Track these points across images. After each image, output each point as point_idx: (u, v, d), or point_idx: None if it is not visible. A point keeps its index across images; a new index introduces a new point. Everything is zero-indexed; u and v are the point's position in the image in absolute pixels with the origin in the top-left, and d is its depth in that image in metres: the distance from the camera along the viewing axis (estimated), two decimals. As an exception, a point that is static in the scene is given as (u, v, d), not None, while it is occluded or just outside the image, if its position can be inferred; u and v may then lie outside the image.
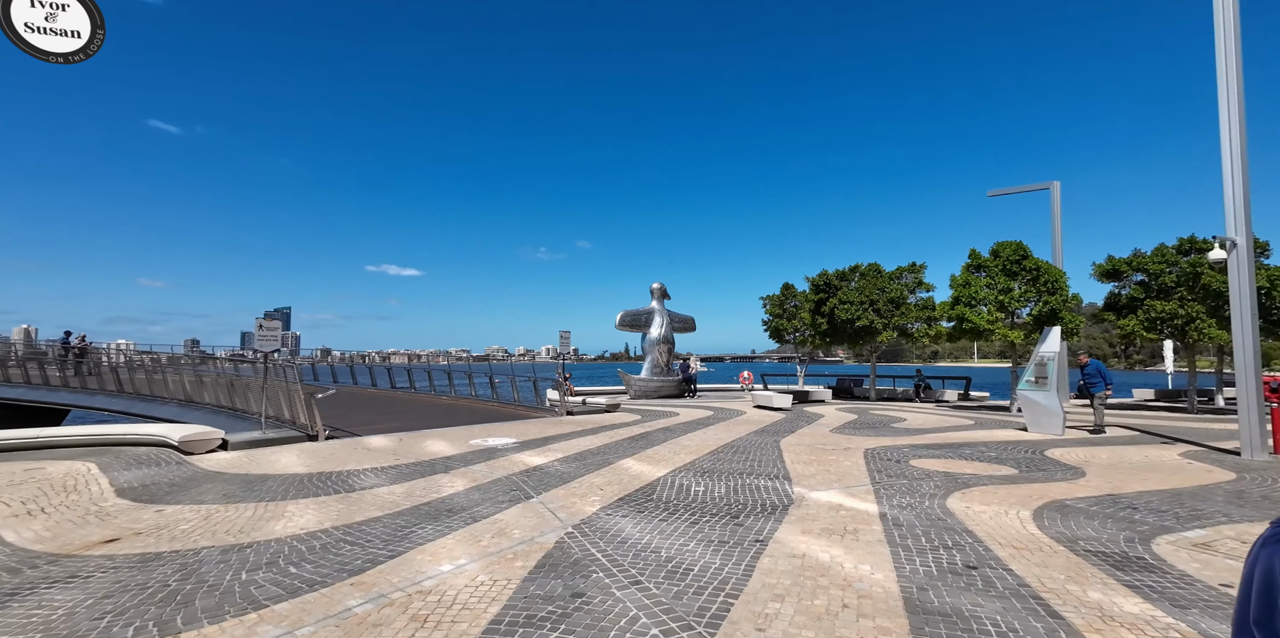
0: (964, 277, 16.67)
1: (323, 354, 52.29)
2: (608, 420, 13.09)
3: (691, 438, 10.18)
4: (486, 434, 10.72)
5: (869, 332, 20.16)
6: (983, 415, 15.12)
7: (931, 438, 10.35)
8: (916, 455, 8.30)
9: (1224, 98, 8.37)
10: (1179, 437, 10.53)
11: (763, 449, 8.87)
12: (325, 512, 5.38)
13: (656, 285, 23.45)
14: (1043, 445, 9.44)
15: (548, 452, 8.68)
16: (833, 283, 21.17)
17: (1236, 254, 8.39)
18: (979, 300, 16.17)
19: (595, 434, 10.68)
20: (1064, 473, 6.97)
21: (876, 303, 19.89)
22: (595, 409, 14.83)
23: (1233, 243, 8.42)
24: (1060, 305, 15.33)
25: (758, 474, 6.91)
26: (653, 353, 22.58)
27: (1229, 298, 14.82)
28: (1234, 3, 8.37)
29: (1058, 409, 11.08)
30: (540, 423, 12.61)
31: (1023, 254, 15.94)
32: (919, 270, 20.54)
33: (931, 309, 19.83)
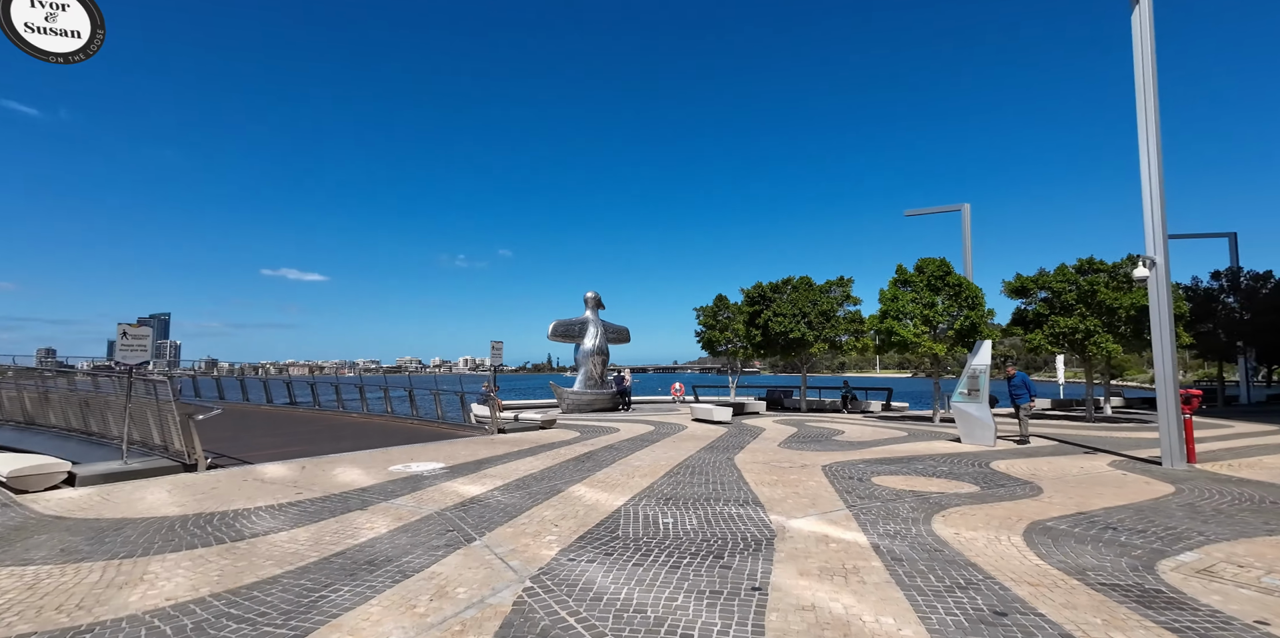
0: (892, 291, 17.23)
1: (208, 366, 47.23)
2: (545, 438, 12.14)
3: (641, 458, 9.49)
4: (409, 458, 9.48)
5: (801, 344, 20.44)
6: (911, 426, 15.53)
7: (878, 452, 10.28)
8: (875, 472, 8.07)
9: (1143, 135, 8.93)
10: (1095, 446, 11.13)
11: (720, 469, 8.34)
12: (203, 571, 4.20)
13: (590, 294, 22.70)
14: (983, 458, 9.59)
15: (484, 478, 7.68)
16: (766, 295, 21.36)
17: (1155, 272, 8.92)
18: (906, 314, 16.73)
19: (535, 455, 9.73)
20: (1023, 489, 6.93)
21: (808, 315, 20.23)
22: (529, 426, 13.80)
23: (1152, 261, 8.95)
24: (979, 320, 16.14)
25: (726, 500, 6.33)
26: (586, 365, 21.73)
27: (1120, 314, 16.28)
28: (1150, 34, 8.99)
29: (989, 421, 11.42)
30: (469, 443, 11.45)
31: (945, 270, 16.69)
32: (846, 284, 21.16)
33: (859, 322, 20.43)
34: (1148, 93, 8.94)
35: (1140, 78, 9.01)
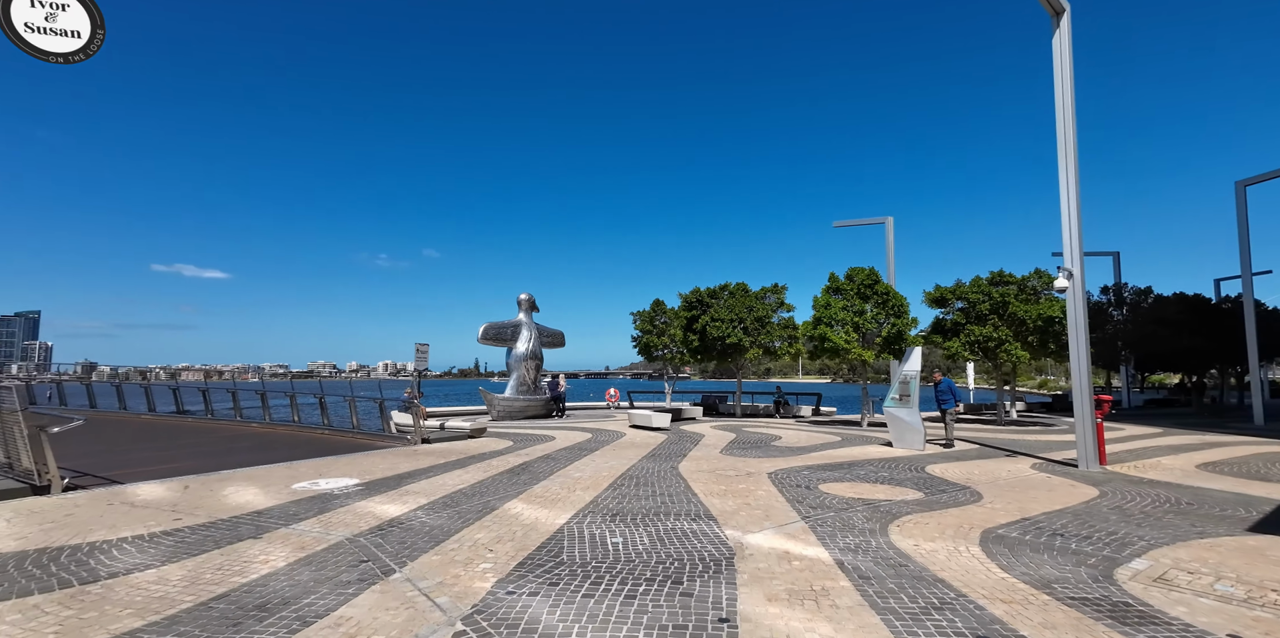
0: (824, 298, 17.63)
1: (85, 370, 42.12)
2: (475, 449, 11.30)
3: (581, 468, 8.93)
4: (317, 474, 8.44)
5: (737, 349, 20.55)
6: (842, 431, 15.86)
7: (818, 457, 10.27)
8: (820, 479, 7.95)
9: (1062, 160, 9.45)
10: (1013, 449, 11.68)
11: (665, 479, 7.94)
12: (34, 628, 3.29)
13: (524, 296, 21.83)
14: (917, 462, 9.76)
15: (406, 496, 6.87)
16: (704, 300, 21.36)
17: (1074, 283, 9.44)
18: (837, 321, 17.15)
19: (464, 468, 8.95)
20: (964, 495, 6.98)
21: (744, 321, 20.38)
22: (457, 435, 12.87)
23: (1070, 273, 9.46)
24: (905, 328, 16.79)
25: (676, 514, 5.92)
26: (519, 369, 20.82)
27: (1029, 324, 17.44)
28: (1069, 61, 9.55)
29: (919, 426, 11.75)
30: (389, 455, 10.44)
31: (874, 279, 17.28)
32: (780, 291, 21.53)
33: (793, 328, 20.82)
34: (1067, 118, 9.48)
35: (1060, 103, 9.54)
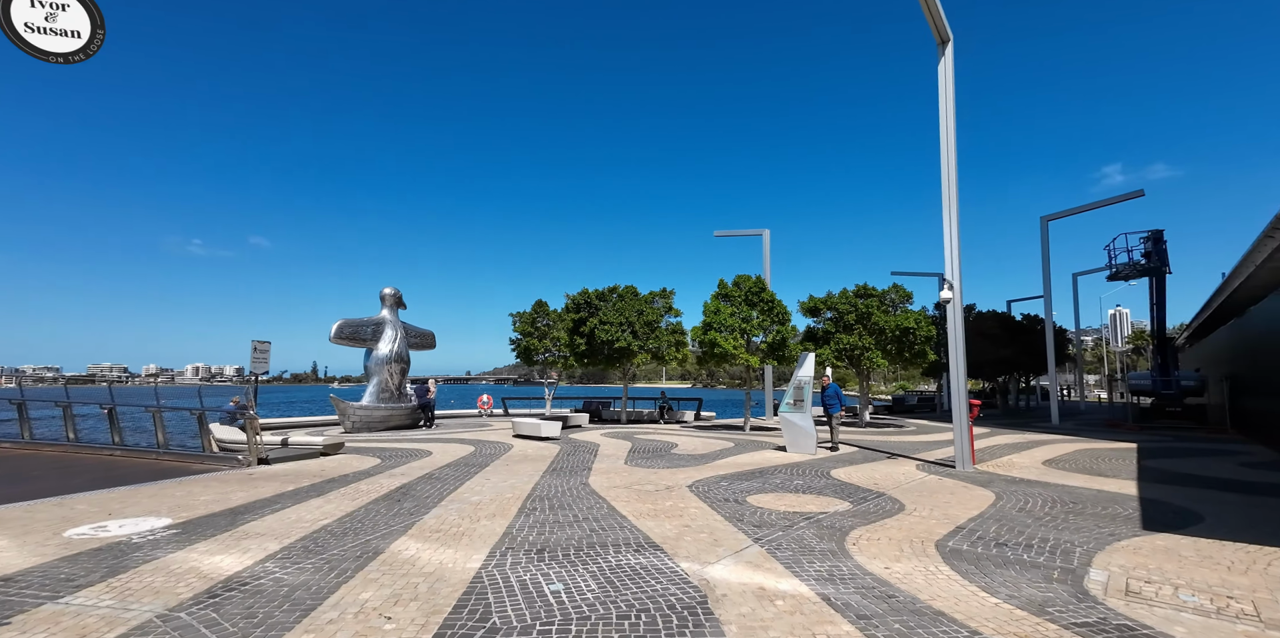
0: (714, 304, 17.76)
1: None
2: (332, 469, 9.35)
3: (477, 490, 7.63)
4: (105, 512, 6.23)
5: (626, 354, 20.03)
6: (731, 436, 15.97)
7: (724, 466, 9.95)
8: (743, 491, 7.53)
9: (945, 180, 10.16)
10: (888, 451, 12.41)
11: (582, 500, 6.98)
12: None
13: (389, 291, 19.33)
14: (819, 467, 9.84)
15: (246, 540, 5.18)
16: (592, 302, 20.58)
17: (954, 295, 10.16)
18: (727, 327, 17.35)
19: (323, 496, 7.20)
20: (887, 503, 6.94)
21: (634, 325, 19.94)
22: (305, 453, 10.67)
23: (950, 284, 10.17)
24: (788, 334, 17.45)
25: (615, 545, 5.03)
26: (381, 373, 18.31)
27: (888, 334, 19.06)
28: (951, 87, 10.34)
29: (812, 430, 12.02)
30: (214, 482, 8.21)
31: (760, 287, 17.78)
32: (669, 296, 21.45)
33: (681, 333, 20.81)
34: (949, 141, 10.21)
35: (943, 127, 10.25)
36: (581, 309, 20.93)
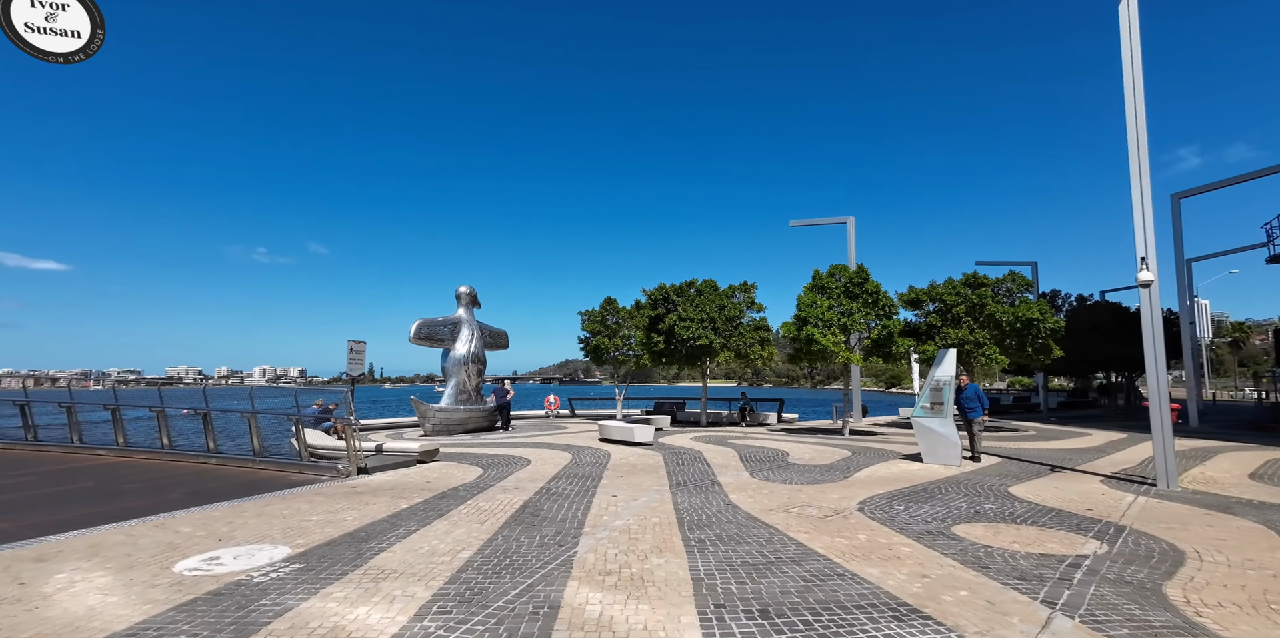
0: (809, 297, 16.31)
1: None
2: (437, 481, 8.50)
3: (611, 509, 6.56)
4: (214, 537, 5.45)
5: (707, 352, 18.80)
6: (835, 441, 14.52)
7: (871, 481, 8.60)
8: (934, 519, 6.20)
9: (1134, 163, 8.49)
10: (1042, 461, 10.76)
11: (748, 528, 5.80)
12: None
13: (464, 289, 18.71)
14: (982, 482, 8.36)
15: (385, 583, 4.23)
16: (670, 298, 19.42)
17: (1153, 280, 8.48)
18: (824, 322, 15.88)
19: (444, 516, 6.27)
20: (1147, 541, 5.48)
21: (715, 321, 18.68)
22: (402, 461, 9.91)
23: (1146, 263, 8.50)
24: (895, 329, 15.84)
25: (859, 607, 3.81)
26: (459, 374, 17.69)
27: (1005, 328, 17.14)
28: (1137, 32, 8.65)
29: (955, 439, 10.50)
30: (318, 496, 7.45)
31: (863, 277, 16.21)
32: (750, 290, 20.07)
33: (765, 329, 19.42)
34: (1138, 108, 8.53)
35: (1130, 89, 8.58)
36: (659, 305, 19.81)
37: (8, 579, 4.32)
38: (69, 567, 4.61)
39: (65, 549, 5.10)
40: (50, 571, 4.52)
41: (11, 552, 5.02)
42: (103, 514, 6.53)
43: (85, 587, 4.18)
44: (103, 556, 4.92)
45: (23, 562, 4.74)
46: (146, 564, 4.70)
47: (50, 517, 6.48)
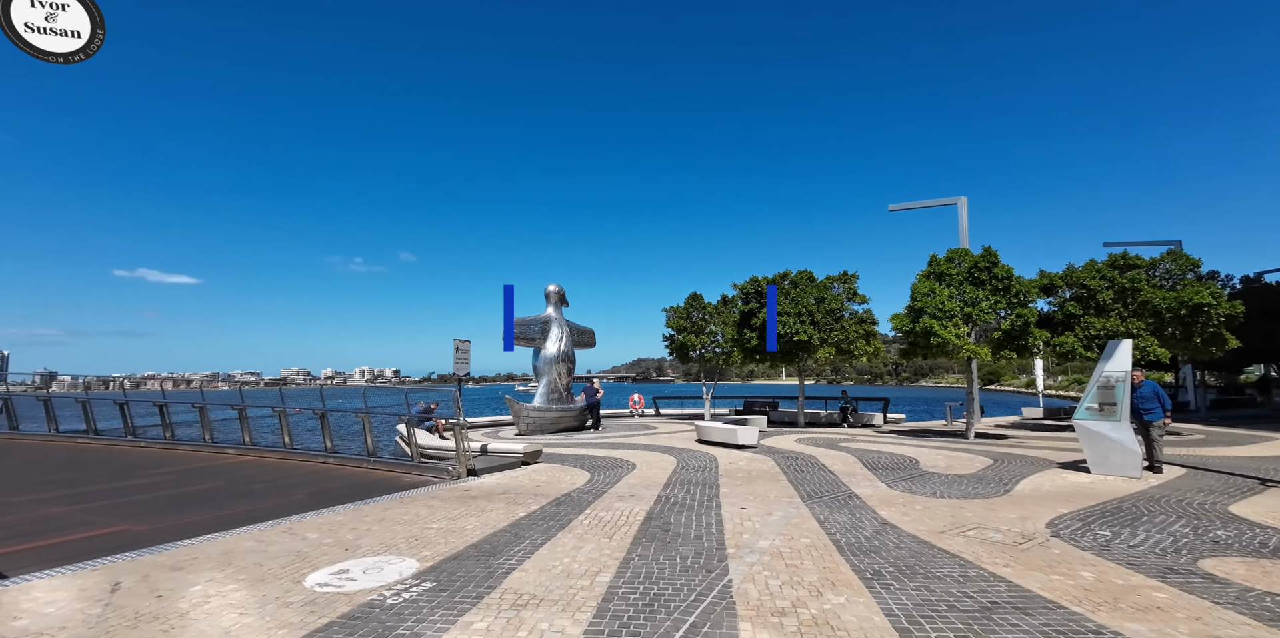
0: (926, 285, 14.75)
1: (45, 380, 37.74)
2: (546, 485, 8.08)
3: (746, 525, 5.80)
4: (341, 546, 5.18)
5: (805, 347, 17.60)
6: (965, 446, 13.00)
7: (1035, 496, 7.32)
8: (1161, 550, 4.97)
9: None
10: (1235, 471, 8.92)
11: (927, 557, 4.86)
12: None
13: (554, 288, 18.55)
14: (1185, 499, 6.86)
15: (526, 612, 3.68)
16: (764, 292, 18.34)
17: None
18: (944, 312, 14.28)
19: (566, 528, 5.74)
20: None
21: (814, 314, 17.43)
22: (507, 462, 9.63)
23: None
24: (1031, 319, 14.01)
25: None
26: (550, 373, 17.55)
27: (1166, 315, 14.77)
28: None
29: (1133, 446, 8.89)
30: (433, 500, 7.19)
31: (991, 261, 14.46)
32: (851, 280, 18.62)
33: (869, 322, 17.95)
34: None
35: None
36: (750, 299, 18.80)
37: (145, 591, 4.16)
38: (203, 578, 4.43)
39: (200, 556, 4.98)
40: (185, 582, 4.35)
41: (151, 558, 4.96)
42: (233, 517, 6.54)
43: (220, 603, 3.94)
44: (235, 565, 4.74)
45: (160, 570, 4.63)
46: (278, 577, 4.45)
47: (185, 518, 6.57)
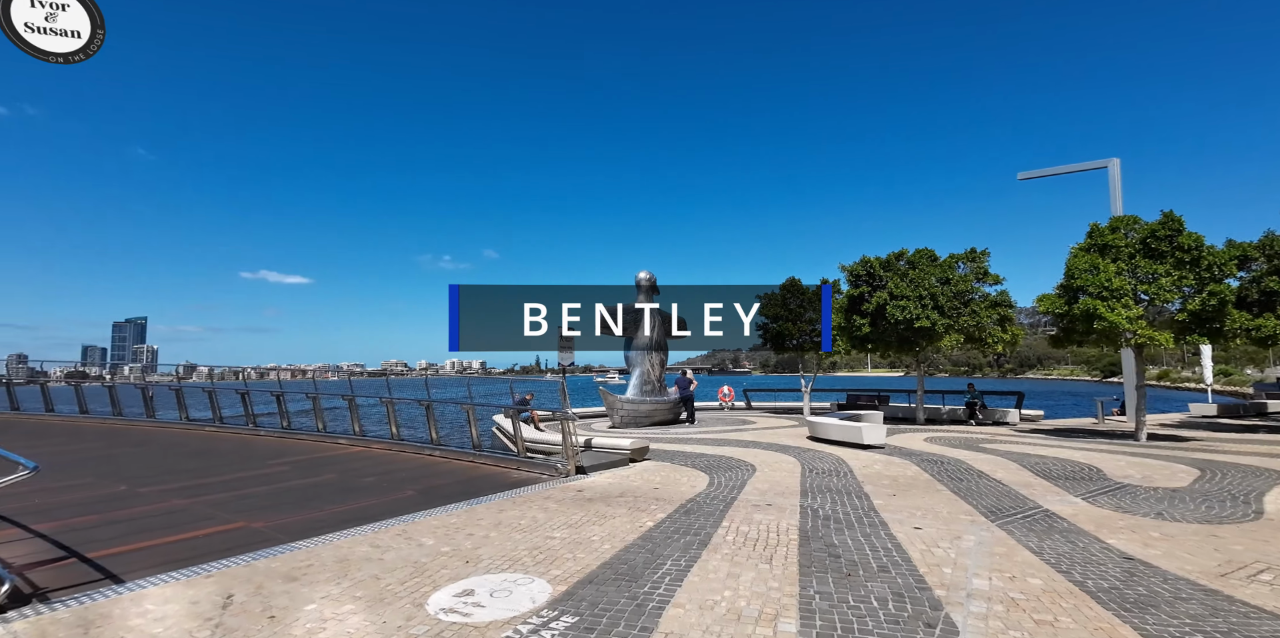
0: (1086, 260, 12.55)
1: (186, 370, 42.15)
2: (666, 488, 7.23)
3: (935, 552, 4.63)
4: (460, 558, 4.55)
5: (928, 335, 15.72)
6: (1154, 450, 10.90)
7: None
8: None
9: None
10: None
11: (1249, 619, 3.52)
12: None
13: (644, 276, 17.73)
14: None
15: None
16: (877, 273, 16.60)
17: None
18: (1111, 291, 12.08)
19: (710, 547, 4.81)
20: None
21: (937, 298, 15.51)
22: (615, 459, 8.90)
23: None
24: (1228, 296, 11.54)
25: None
26: (642, 364, 16.84)
27: None
28: None
29: None
30: (547, 501, 6.52)
31: (1175, 228, 12.04)
32: (980, 258, 16.44)
33: (1006, 305, 15.78)
34: None
35: None
36: (861, 282, 17.08)
37: (258, 609, 3.67)
38: (319, 594, 3.90)
39: (315, 563, 4.52)
40: (300, 598, 3.83)
41: (266, 563, 4.54)
42: (347, 515, 6.18)
43: (336, 631, 3.34)
44: (351, 577, 4.21)
45: (275, 580, 4.17)
46: (398, 597, 3.84)
47: (301, 513, 6.28)
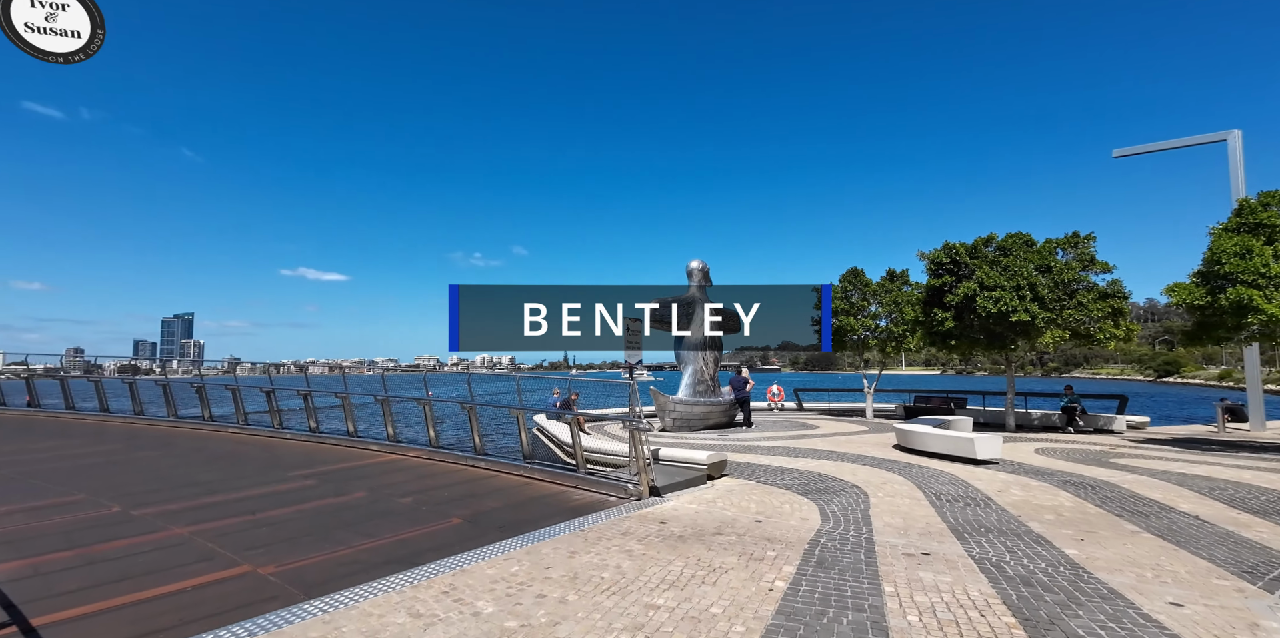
0: (1233, 241, 10.57)
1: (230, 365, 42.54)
2: (768, 521, 5.73)
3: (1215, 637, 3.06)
4: None
5: (1025, 330, 13.84)
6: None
7: None
8: None
9: None
10: None
11: None
12: None
13: (696, 265, 16.16)
14: None
15: None
16: (964, 261, 14.73)
17: None
18: (1270, 278, 10.10)
19: (870, 621, 3.33)
20: None
21: (1036, 288, 13.60)
22: (691, 478, 7.44)
23: None
24: None
25: None
26: (695, 362, 15.33)
27: None
28: None
29: None
30: (631, 542, 5.10)
31: (1357, 202, 9.99)
32: (1085, 243, 14.42)
33: (1119, 297, 13.77)
34: None
35: None
36: (943, 271, 15.22)
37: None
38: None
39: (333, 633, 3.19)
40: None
41: (271, 619, 3.23)
42: (379, 553, 4.89)
43: None
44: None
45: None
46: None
47: (320, 550, 5.01)
